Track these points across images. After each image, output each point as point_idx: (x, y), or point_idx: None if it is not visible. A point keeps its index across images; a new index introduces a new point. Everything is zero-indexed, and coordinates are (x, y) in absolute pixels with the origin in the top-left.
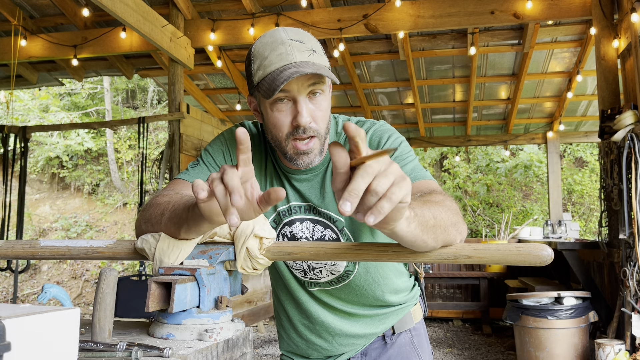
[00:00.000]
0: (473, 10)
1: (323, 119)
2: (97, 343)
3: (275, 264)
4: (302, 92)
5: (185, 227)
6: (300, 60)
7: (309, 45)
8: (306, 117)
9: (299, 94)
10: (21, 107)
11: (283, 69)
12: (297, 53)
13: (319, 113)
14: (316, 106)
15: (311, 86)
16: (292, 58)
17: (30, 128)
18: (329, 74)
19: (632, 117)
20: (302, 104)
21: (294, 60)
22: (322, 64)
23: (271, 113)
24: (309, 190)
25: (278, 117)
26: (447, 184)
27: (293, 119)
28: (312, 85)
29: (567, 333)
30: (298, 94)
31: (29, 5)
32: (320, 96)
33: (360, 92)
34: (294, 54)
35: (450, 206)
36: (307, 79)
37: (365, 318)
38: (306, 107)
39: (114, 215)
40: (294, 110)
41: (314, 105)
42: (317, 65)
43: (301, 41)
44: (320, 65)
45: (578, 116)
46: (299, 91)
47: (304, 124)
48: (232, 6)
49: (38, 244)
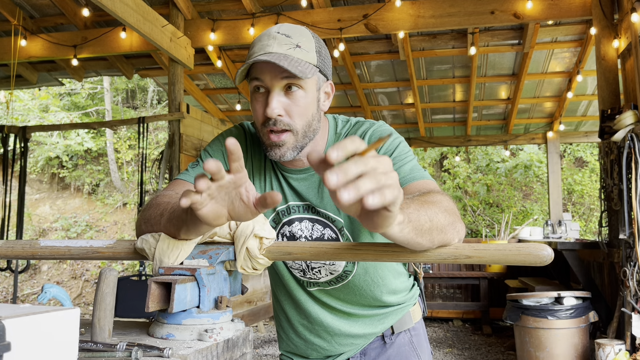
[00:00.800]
0: (473, 10)
1: (299, 115)
2: (97, 343)
3: (275, 264)
4: (276, 84)
5: (184, 228)
6: (275, 52)
7: (296, 40)
8: (273, 109)
9: (272, 85)
10: (21, 107)
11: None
12: (276, 45)
13: (295, 108)
14: (292, 101)
15: (285, 79)
16: (269, 49)
17: (30, 128)
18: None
19: (632, 117)
20: (273, 95)
21: (270, 51)
22: (302, 58)
23: (251, 102)
24: (307, 190)
25: (255, 107)
26: (447, 184)
27: (264, 110)
28: (287, 79)
29: (567, 333)
30: (271, 85)
31: (29, 5)
32: (299, 92)
33: (360, 92)
34: (273, 45)
35: (447, 206)
36: (281, 72)
37: (364, 318)
38: (277, 100)
39: (113, 215)
40: (266, 101)
41: (290, 99)
42: (290, 58)
43: (288, 35)
44: (296, 59)
45: (578, 116)
46: (272, 83)
47: (270, 116)
48: (232, 6)
49: (38, 244)
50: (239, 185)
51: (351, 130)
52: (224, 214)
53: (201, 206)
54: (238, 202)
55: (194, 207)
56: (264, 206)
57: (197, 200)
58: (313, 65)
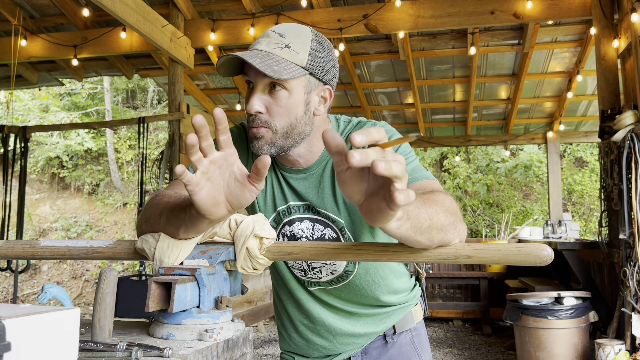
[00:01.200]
0: (473, 10)
1: (279, 115)
2: (97, 343)
3: (276, 263)
4: (259, 81)
5: (183, 227)
6: (261, 49)
7: (288, 40)
8: (252, 106)
9: (256, 82)
10: (21, 107)
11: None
12: (265, 44)
13: (276, 108)
14: (274, 100)
15: (268, 78)
16: (257, 47)
17: (30, 128)
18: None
19: (632, 117)
20: (256, 93)
21: (257, 48)
22: (286, 58)
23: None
24: (307, 190)
25: (245, 101)
26: (447, 184)
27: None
28: (270, 78)
29: (567, 333)
30: (256, 83)
31: (29, 5)
32: (282, 92)
33: (360, 92)
34: (262, 43)
35: (449, 206)
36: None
37: (365, 317)
38: (258, 97)
39: (114, 215)
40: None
41: (272, 98)
42: (270, 57)
43: (282, 35)
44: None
45: (578, 116)
46: (256, 80)
47: (248, 111)
48: (232, 6)
49: (38, 244)
50: (230, 163)
51: (353, 130)
52: (222, 200)
53: (198, 188)
54: (234, 184)
55: (191, 191)
56: (259, 175)
57: (192, 179)
58: (300, 66)
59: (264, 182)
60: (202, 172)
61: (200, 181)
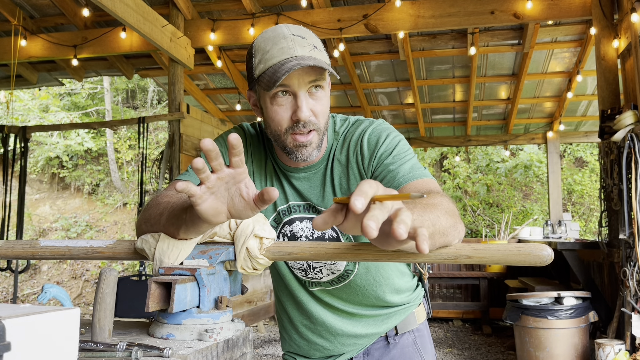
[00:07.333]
0: (473, 10)
1: (323, 114)
2: (97, 343)
3: (276, 264)
4: (303, 87)
5: (183, 227)
6: (302, 55)
7: (310, 41)
8: (306, 112)
9: (299, 88)
10: (21, 107)
11: (284, 62)
12: (298, 47)
13: (319, 108)
14: (316, 101)
15: (312, 82)
16: (294, 52)
17: (30, 128)
18: (330, 69)
19: (632, 117)
20: (302, 98)
21: (296, 54)
22: (323, 59)
23: (271, 107)
24: (309, 189)
25: (277, 111)
26: (447, 184)
27: (293, 114)
28: (313, 81)
29: (567, 333)
30: (298, 89)
31: (29, 5)
32: (320, 92)
33: (360, 92)
34: (296, 48)
35: (448, 208)
36: (308, 75)
37: (367, 318)
38: (306, 102)
39: (114, 215)
40: (294, 105)
41: (314, 100)
42: (318, 60)
43: (303, 37)
44: (321, 61)
45: (578, 116)
46: (299, 86)
47: (304, 119)
48: (232, 6)
49: (38, 244)
50: (238, 180)
51: (350, 128)
52: (223, 210)
53: (201, 200)
54: (238, 199)
55: (194, 202)
56: (263, 202)
57: (196, 193)
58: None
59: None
60: (207, 187)
61: (204, 194)
